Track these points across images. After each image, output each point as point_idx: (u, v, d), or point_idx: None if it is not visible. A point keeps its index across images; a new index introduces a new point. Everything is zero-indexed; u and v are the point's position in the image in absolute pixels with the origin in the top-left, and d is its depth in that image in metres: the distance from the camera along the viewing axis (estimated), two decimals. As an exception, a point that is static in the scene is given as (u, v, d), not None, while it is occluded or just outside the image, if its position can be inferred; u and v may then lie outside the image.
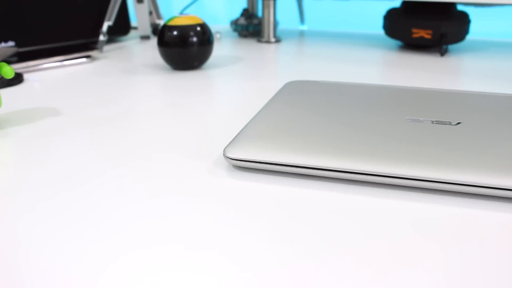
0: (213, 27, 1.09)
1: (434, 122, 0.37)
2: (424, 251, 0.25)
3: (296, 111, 0.40)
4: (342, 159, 0.31)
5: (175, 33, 0.62)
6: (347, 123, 0.37)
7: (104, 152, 0.37)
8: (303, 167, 0.32)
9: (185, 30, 0.62)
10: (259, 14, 1.01)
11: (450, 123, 0.37)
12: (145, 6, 0.88)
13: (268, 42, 0.89)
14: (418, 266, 0.24)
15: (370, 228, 0.27)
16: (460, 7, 0.97)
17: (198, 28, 0.63)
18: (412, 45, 0.84)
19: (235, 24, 0.95)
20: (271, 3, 0.87)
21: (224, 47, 0.84)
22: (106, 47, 0.84)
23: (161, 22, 0.82)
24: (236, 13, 1.17)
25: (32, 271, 0.23)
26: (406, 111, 0.40)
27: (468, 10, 0.98)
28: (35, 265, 0.24)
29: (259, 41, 0.90)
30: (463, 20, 0.78)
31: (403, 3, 0.82)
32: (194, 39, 0.62)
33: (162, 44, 0.63)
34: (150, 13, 0.93)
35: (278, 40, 0.90)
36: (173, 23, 0.63)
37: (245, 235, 0.26)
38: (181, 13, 1.03)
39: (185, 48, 0.62)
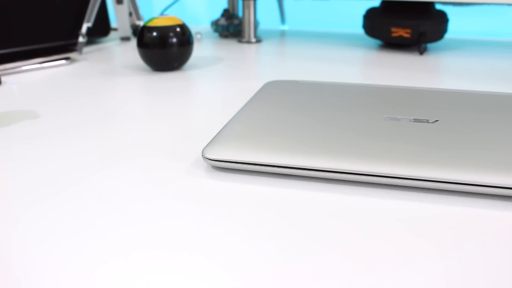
0: (194, 27, 1.09)
1: (412, 120, 0.38)
2: (405, 248, 0.25)
3: (275, 110, 0.40)
4: (321, 158, 0.32)
5: (154, 34, 0.62)
6: (325, 122, 0.37)
7: (84, 158, 0.37)
8: (281, 166, 0.32)
9: (164, 31, 0.62)
10: (240, 14, 1.01)
11: (427, 121, 0.37)
12: (125, 7, 0.88)
13: (248, 42, 0.89)
14: (403, 265, 0.24)
15: (352, 225, 0.27)
16: (438, 6, 0.98)
17: (178, 29, 0.63)
18: (391, 44, 0.84)
19: (215, 24, 0.94)
20: (251, 3, 0.87)
21: (205, 48, 0.84)
22: (86, 49, 0.83)
23: (141, 23, 0.82)
24: (217, 13, 1.17)
25: (12, 281, 0.23)
26: (384, 110, 0.40)
27: (446, 9, 0.99)
28: (16, 274, 0.23)
29: (240, 41, 0.90)
30: (442, 19, 0.78)
31: (383, 3, 0.82)
32: (174, 40, 0.62)
33: (141, 45, 0.63)
34: (130, 14, 0.92)
35: (258, 40, 0.90)
36: (152, 24, 0.63)
37: (225, 235, 0.26)
38: (162, 14, 1.02)
39: (164, 49, 0.62)
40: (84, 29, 0.77)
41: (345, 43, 0.88)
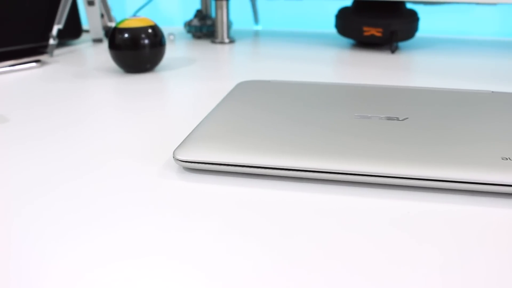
0: (167, 28, 1.08)
1: (382, 118, 0.38)
2: (369, 246, 0.25)
3: (247, 110, 0.40)
4: (292, 158, 0.32)
5: (126, 35, 0.61)
6: (297, 122, 0.37)
7: (55, 165, 0.36)
8: (253, 166, 0.32)
9: (136, 33, 0.61)
10: (213, 15, 1.01)
11: (397, 119, 0.38)
12: (96, 9, 0.87)
13: (222, 43, 0.89)
14: (364, 262, 0.24)
15: (326, 223, 0.27)
16: (409, 6, 0.99)
17: (150, 30, 0.62)
18: (363, 43, 0.85)
19: (188, 25, 0.94)
20: (224, 3, 0.87)
21: (178, 49, 0.84)
22: (57, 51, 0.82)
23: (113, 25, 0.81)
24: (190, 14, 1.17)
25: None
26: (355, 108, 0.40)
27: (417, 8, 1.00)
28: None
29: (213, 42, 0.90)
30: (412, 18, 0.80)
31: (354, 2, 0.83)
32: (146, 41, 0.62)
33: (113, 47, 0.62)
34: (102, 15, 0.92)
35: (232, 41, 0.90)
36: (124, 25, 0.62)
37: (198, 237, 0.26)
38: (134, 15, 1.01)
39: (136, 50, 0.62)
40: (54, 31, 0.76)
41: (318, 42, 0.89)
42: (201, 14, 0.94)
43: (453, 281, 0.22)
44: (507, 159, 0.31)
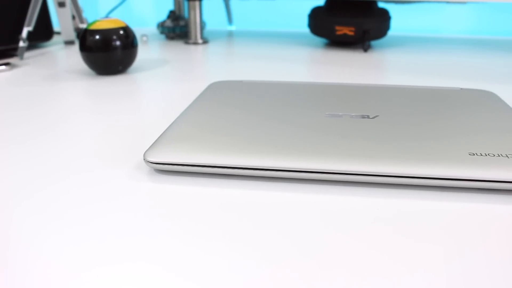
0: (140, 30, 1.07)
1: (353, 116, 0.38)
2: (342, 243, 0.25)
3: (219, 111, 0.40)
4: (262, 157, 0.32)
5: (97, 37, 0.60)
6: (268, 122, 0.38)
7: (26, 173, 0.35)
8: (223, 167, 0.32)
9: (107, 34, 0.61)
10: (187, 15, 1.01)
11: (368, 117, 0.38)
12: (67, 10, 0.86)
13: (195, 43, 0.88)
14: (334, 258, 0.24)
15: (297, 222, 0.27)
16: (381, 5, 1.00)
17: (121, 32, 0.62)
18: (336, 42, 0.86)
19: (161, 26, 0.93)
20: (197, 4, 0.87)
21: (151, 50, 0.83)
22: (27, 54, 0.81)
23: (85, 26, 0.80)
24: (164, 15, 1.16)
25: None
26: (326, 107, 0.41)
27: (389, 7, 1.01)
28: None
29: (187, 42, 0.89)
30: (384, 17, 0.80)
31: (327, 2, 0.83)
32: (117, 42, 0.61)
33: (84, 49, 0.61)
34: (73, 17, 0.90)
35: (205, 41, 0.90)
36: (94, 27, 0.61)
37: (169, 239, 0.26)
38: (107, 16, 1.00)
39: (108, 52, 0.61)
40: (24, 33, 0.75)
41: (292, 42, 0.89)
42: (174, 15, 0.94)
43: (408, 273, 0.23)
44: (474, 154, 0.32)
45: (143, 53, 0.80)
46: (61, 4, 0.85)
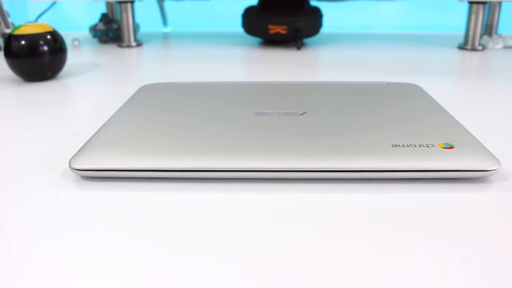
0: (71, 34, 1.04)
1: (281, 113, 0.39)
2: (283, 238, 0.26)
3: (147, 114, 0.40)
4: (190, 159, 0.32)
5: (23, 42, 0.58)
6: (196, 123, 0.37)
7: None
8: (151, 170, 0.32)
9: (34, 39, 0.59)
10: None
11: (296, 114, 0.39)
12: (-8, 16, 0.82)
13: (129, 46, 0.87)
14: (281, 255, 0.24)
15: (228, 222, 0.27)
16: (313, 3, 1.02)
17: (49, 36, 0.60)
18: (270, 41, 0.87)
19: (94, 30, 0.91)
20: (129, 6, 0.85)
21: (83, 54, 0.81)
22: (-50, 62, 0.77)
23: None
24: (97, 18, 1.13)
25: None
26: (255, 106, 0.41)
27: (321, 5, 1.03)
28: None
29: (120, 46, 0.88)
30: (316, 15, 0.82)
31: (260, 1, 0.84)
32: (45, 48, 0.59)
33: (9, 55, 0.59)
34: (-1, 22, 0.87)
35: (139, 44, 0.88)
36: (20, 32, 0.59)
37: (97, 246, 0.25)
38: (36, 20, 0.97)
39: (35, 58, 0.59)
40: None
41: (227, 42, 0.90)
42: (106, 18, 0.92)
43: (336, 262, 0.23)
44: (396, 146, 0.33)
45: (74, 58, 0.78)
46: (-15, 10, 0.81)
